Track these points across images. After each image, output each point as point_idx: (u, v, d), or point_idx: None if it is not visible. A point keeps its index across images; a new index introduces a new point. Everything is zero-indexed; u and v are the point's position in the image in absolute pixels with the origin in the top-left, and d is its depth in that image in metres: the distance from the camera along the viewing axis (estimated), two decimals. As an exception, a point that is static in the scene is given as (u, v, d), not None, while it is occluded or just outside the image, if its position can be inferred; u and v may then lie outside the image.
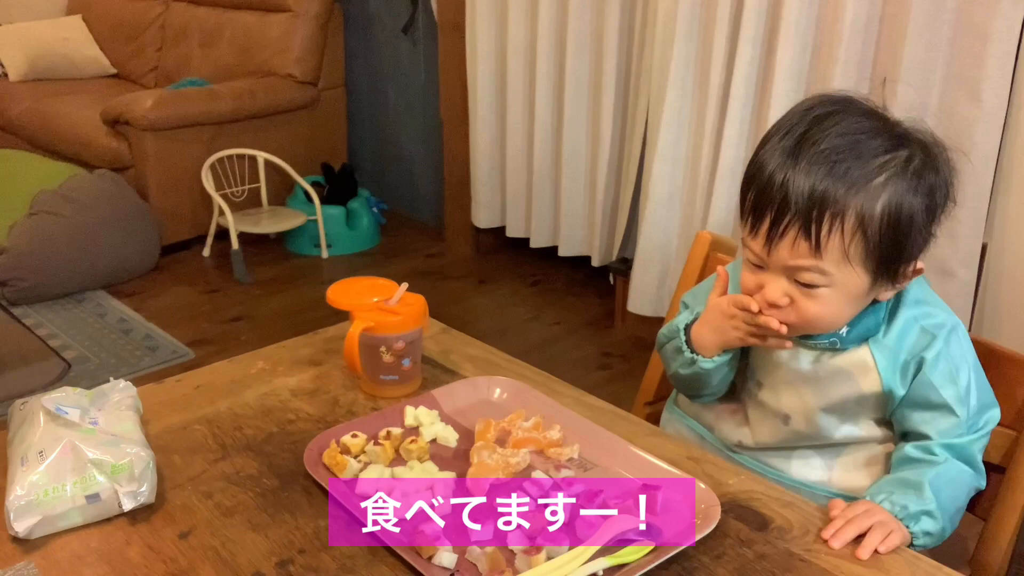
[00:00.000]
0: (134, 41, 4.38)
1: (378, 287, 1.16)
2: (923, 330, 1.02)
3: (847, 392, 1.04)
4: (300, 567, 0.85)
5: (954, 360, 1.02)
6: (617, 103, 2.91)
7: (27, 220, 3.13)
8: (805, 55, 2.27)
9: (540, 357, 2.74)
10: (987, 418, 1.04)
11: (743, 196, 1.00)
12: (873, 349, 1.03)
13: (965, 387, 1.02)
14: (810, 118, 0.96)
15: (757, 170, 0.97)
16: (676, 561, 0.86)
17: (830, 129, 0.94)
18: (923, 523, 0.96)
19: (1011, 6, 1.91)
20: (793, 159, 0.94)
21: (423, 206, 3.98)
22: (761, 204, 0.96)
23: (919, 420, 1.03)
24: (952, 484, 1.00)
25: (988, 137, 1.98)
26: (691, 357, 1.09)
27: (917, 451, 1.02)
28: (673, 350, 1.13)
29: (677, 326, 1.13)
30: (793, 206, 0.93)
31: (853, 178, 0.92)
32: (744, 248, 1.01)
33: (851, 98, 0.99)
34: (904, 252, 0.96)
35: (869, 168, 0.93)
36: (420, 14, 3.64)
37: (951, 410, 1.01)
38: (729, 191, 2.51)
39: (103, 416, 0.97)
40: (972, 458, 1.03)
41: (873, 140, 0.94)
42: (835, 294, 0.96)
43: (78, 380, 2.61)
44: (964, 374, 1.02)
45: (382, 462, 0.99)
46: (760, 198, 0.96)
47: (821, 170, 0.92)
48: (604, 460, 1.01)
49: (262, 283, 3.39)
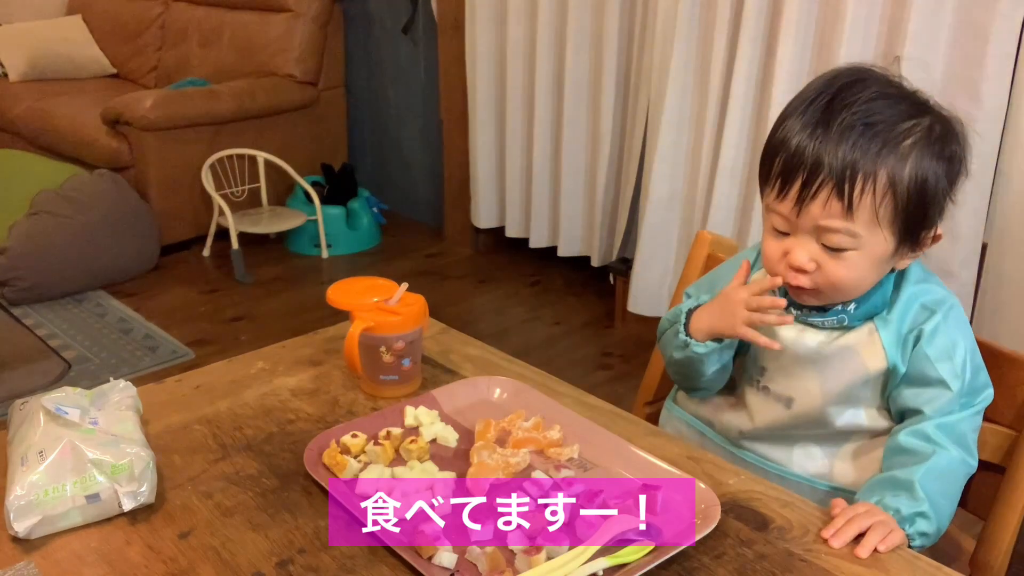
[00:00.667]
0: (134, 41, 4.38)
1: (378, 287, 1.16)
2: (923, 306, 1.04)
3: (853, 371, 1.05)
4: (300, 567, 0.85)
5: (951, 335, 1.03)
6: (617, 103, 2.91)
7: (27, 220, 3.13)
8: (805, 55, 2.27)
9: (540, 357, 2.75)
10: (982, 396, 1.05)
11: (767, 163, 1.01)
12: (878, 325, 1.04)
13: (961, 363, 1.03)
14: (836, 86, 0.98)
15: (784, 136, 0.99)
16: (676, 561, 0.86)
17: (859, 94, 0.96)
18: (918, 524, 0.96)
19: (1011, 6, 1.91)
20: (824, 123, 0.96)
21: (423, 206, 3.98)
22: (792, 167, 0.97)
23: (914, 396, 1.04)
24: (943, 478, 1.00)
25: (988, 137, 1.98)
26: (684, 340, 1.10)
27: (911, 438, 1.02)
28: (672, 334, 1.14)
29: (681, 310, 1.13)
30: (827, 167, 0.95)
31: (883, 141, 0.95)
32: (768, 215, 1.03)
33: (871, 68, 1.01)
34: (928, 216, 0.99)
35: (897, 132, 0.96)
36: (420, 14, 3.65)
37: (945, 384, 1.02)
38: (729, 191, 2.51)
39: (103, 416, 0.97)
40: (964, 438, 1.02)
41: (899, 105, 0.97)
42: (861, 257, 0.98)
43: (78, 380, 2.61)
44: (960, 350, 1.03)
45: (382, 462, 0.99)
46: (791, 161, 0.97)
47: (853, 132, 0.95)
48: (604, 460, 1.01)
49: (262, 283, 3.39)
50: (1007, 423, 1.08)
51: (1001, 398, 1.07)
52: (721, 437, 1.17)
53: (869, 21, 2.13)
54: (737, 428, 1.15)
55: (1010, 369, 1.09)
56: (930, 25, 2.01)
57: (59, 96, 3.99)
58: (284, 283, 3.41)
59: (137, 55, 4.36)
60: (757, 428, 1.13)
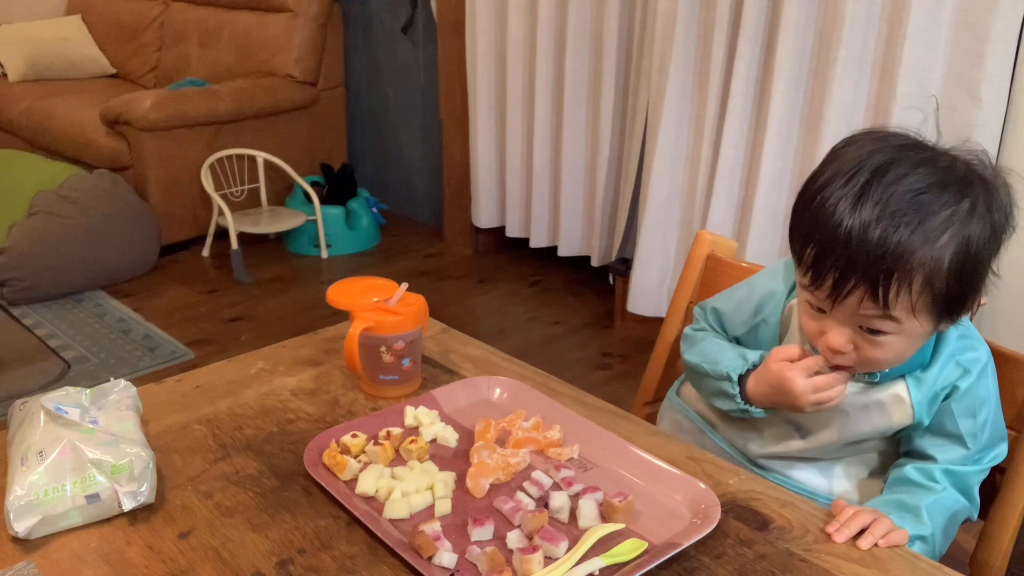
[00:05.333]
0: (133, 41, 4.38)
1: (378, 287, 1.16)
2: (958, 363, 1.03)
3: (876, 424, 1.05)
4: (300, 567, 0.85)
5: (979, 396, 1.02)
6: (617, 103, 2.91)
7: (27, 220, 3.13)
8: (805, 55, 2.27)
9: (540, 357, 2.75)
10: (994, 455, 1.05)
11: (800, 246, 0.97)
12: (910, 383, 1.03)
13: (982, 423, 1.03)
14: (871, 168, 0.92)
15: (814, 222, 0.94)
16: (676, 561, 0.86)
17: (893, 185, 0.90)
18: (915, 547, 0.96)
19: (1011, 6, 1.91)
20: (856, 216, 0.90)
21: (423, 206, 3.98)
22: (823, 261, 0.93)
23: (929, 443, 1.04)
24: (947, 513, 1.01)
25: (988, 137, 1.98)
26: (744, 408, 1.09)
27: (917, 474, 1.03)
28: (717, 390, 1.11)
29: (727, 373, 1.09)
30: (859, 268, 0.91)
31: (920, 238, 0.89)
32: (801, 291, 1.00)
33: (907, 140, 0.96)
34: (968, 295, 0.95)
35: (934, 224, 0.90)
36: (420, 14, 3.65)
37: (963, 441, 1.02)
38: (729, 191, 2.51)
39: (103, 416, 0.97)
40: (969, 489, 1.04)
41: (938, 195, 0.90)
42: (900, 340, 0.96)
43: (78, 380, 2.61)
44: (984, 411, 1.03)
45: (382, 462, 0.99)
46: (822, 256, 0.93)
47: (887, 230, 0.89)
48: (604, 460, 1.01)
49: (262, 283, 3.39)
50: (1007, 423, 1.08)
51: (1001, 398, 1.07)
52: (724, 440, 1.17)
53: (869, 21, 2.13)
54: (744, 443, 1.15)
55: (1010, 369, 1.09)
56: (930, 25, 2.01)
57: (58, 96, 3.99)
58: (284, 283, 3.41)
59: (136, 55, 4.36)
60: (765, 448, 1.13)
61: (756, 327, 1.14)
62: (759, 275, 1.19)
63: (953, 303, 0.94)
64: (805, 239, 0.95)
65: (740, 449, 1.15)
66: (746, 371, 1.09)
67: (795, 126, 2.34)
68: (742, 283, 1.20)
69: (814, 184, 0.96)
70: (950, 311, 0.95)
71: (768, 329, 1.13)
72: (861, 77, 2.18)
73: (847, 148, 0.97)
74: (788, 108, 2.31)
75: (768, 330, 1.13)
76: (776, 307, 1.12)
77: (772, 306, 1.12)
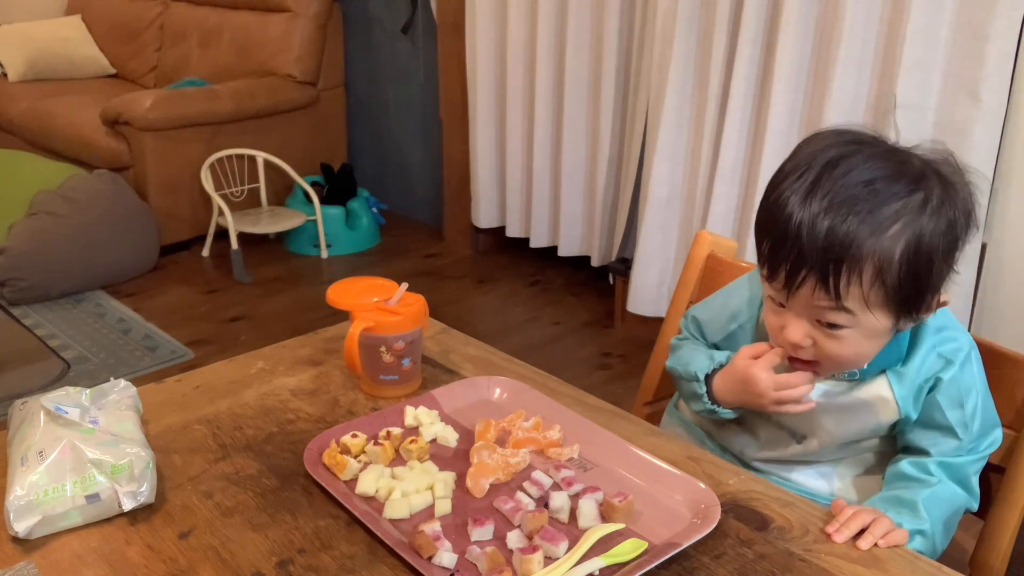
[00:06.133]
0: (133, 41, 4.38)
1: (378, 287, 1.16)
2: (940, 355, 1.03)
3: (864, 422, 1.05)
4: (300, 567, 0.85)
5: (965, 385, 1.02)
6: (616, 103, 2.91)
7: (27, 220, 3.13)
8: (805, 55, 2.27)
9: (540, 357, 2.75)
10: (989, 442, 1.05)
11: (758, 241, 0.98)
12: (891, 379, 1.03)
13: (971, 412, 1.03)
14: (822, 163, 0.92)
15: (769, 216, 0.96)
16: (676, 561, 0.86)
17: (842, 178, 0.91)
18: (915, 542, 0.96)
19: (1011, 6, 1.91)
20: (805, 208, 0.91)
21: (423, 206, 3.98)
22: (776, 254, 0.94)
23: (921, 437, 1.04)
24: (945, 505, 1.01)
25: (987, 137, 1.98)
26: (711, 408, 1.10)
27: (913, 468, 1.03)
28: (691, 392, 1.13)
29: (695, 373, 1.11)
30: (809, 259, 0.91)
31: (868, 228, 0.90)
32: (765, 287, 1.01)
33: (863, 136, 0.96)
34: (925, 291, 0.94)
35: (884, 215, 0.90)
36: (420, 14, 3.65)
37: (953, 432, 1.03)
38: (729, 191, 2.51)
39: (103, 416, 0.97)
40: (966, 479, 1.04)
41: (888, 186, 0.91)
42: (857, 334, 0.96)
43: (78, 380, 2.61)
44: (972, 400, 1.03)
45: (382, 462, 0.99)
46: (775, 249, 0.95)
47: (835, 221, 0.90)
48: (604, 460, 1.01)
49: (262, 283, 3.39)
50: (1007, 423, 1.08)
51: (1001, 398, 1.07)
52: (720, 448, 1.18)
53: (869, 21, 2.13)
54: (741, 448, 1.15)
55: (1010, 369, 1.09)
56: (930, 25, 2.02)
57: (58, 96, 3.99)
58: (284, 283, 3.41)
59: (136, 55, 4.36)
60: (763, 453, 1.13)
61: (733, 334, 1.15)
62: (736, 282, 1.20)
63: (909, 299, 0.94)
64: (761, 233, 0.98)
65: (737, 455, 1.16)
66: (713, 371, 1.10)
67: (795, 126, 2.34)
68: (720, 290, 1.22)
69: (773, 180, 0.98)
70: (908, 307, 0.95)
71: (745, 335, 1.14)
72: (861, 77, 2.18)
73: (805, 145, 0.98)
74: (788, 108, 2.31)
75: (745, 336, 1.14)
76: (752, 313, 1.13)
77: (748, 312, 1.14)
